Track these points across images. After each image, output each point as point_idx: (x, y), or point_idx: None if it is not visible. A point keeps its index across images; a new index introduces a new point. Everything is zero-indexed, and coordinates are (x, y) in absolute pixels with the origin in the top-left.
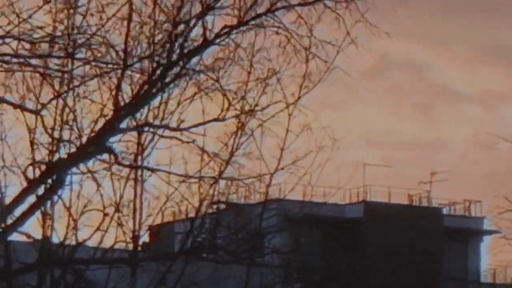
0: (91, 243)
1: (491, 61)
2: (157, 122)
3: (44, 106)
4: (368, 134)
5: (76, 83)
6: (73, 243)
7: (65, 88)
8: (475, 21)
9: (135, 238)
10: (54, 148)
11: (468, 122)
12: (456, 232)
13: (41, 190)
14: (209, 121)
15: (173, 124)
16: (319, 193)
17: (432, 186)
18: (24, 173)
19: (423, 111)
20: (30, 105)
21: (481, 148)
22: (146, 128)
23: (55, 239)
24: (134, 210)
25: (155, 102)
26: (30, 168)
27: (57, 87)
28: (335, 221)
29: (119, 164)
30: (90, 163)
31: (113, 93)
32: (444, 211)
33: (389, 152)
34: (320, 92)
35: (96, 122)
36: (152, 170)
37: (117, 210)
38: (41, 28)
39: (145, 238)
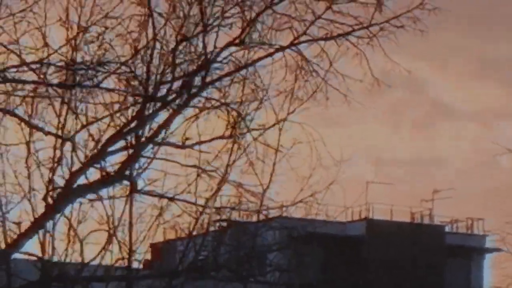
0: (92, 261)
1: (490, 77)
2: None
3: (75, 133)
4: (368, 151)
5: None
6: (73, 261)
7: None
8: (473, 37)
9: (130, 255)
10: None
11: (467, 139)
12: (459, 249)
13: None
14: (213, 139)
15: (178, 142)
16: (322, 211)
17: (434, 204)
18: (44, 198)
19: (422, 128)
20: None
21: (481, 164)
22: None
23: (57, 257)
24: (130, 227)
25: (159, 119)
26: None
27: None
28: (337, 239)
29: (138, 192)
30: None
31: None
32: (447, 229)
33: (389, 169)
34: (320, 110)
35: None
36: (172, 199)
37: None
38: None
39: (146, 255)
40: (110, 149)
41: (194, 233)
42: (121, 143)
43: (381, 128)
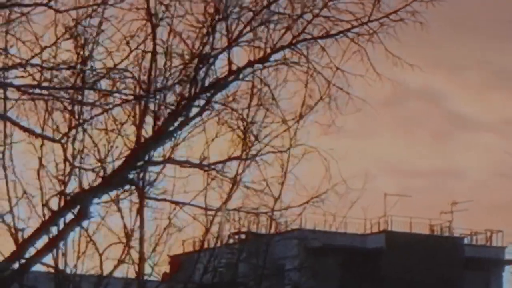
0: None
1: (507, 88)
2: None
3: (64, 135)
4: (385, 163)
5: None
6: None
7: (86, 117)
8: (489, 48)
9: (140, 266)
10: (77, 178)
11: (485, 150)
12: (478, 261)
13: (63, 222)
14: (232, 159)
15: (196, 160)
16: (340, 223)
17: (453, 216)
18: (46, 204)
19: (439, 140)
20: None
21: (500, 175)
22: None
23: (73, 270)
24: (141, 239)
25: (178, 136)
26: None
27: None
28: (356, 251)
29: (145, 197)
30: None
31: (136, 125)
32: (466, 241)
33: (406, 181)
34: (338, 122)
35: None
36: (178, 203)
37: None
38: (67, 65)
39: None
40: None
41: (213, 245)
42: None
43: (398, 140)
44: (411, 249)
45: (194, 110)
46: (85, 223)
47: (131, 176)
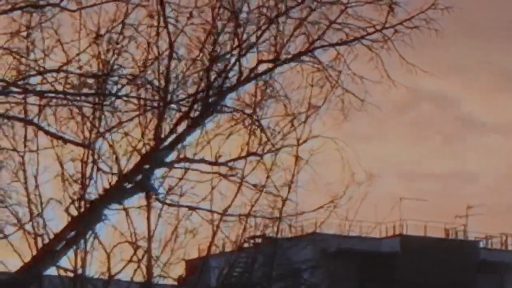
0: (124, 276)
1: None
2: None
3: (93, 141)
4: (399, 167)
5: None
6: (105, 276)
7: (106, 124)
8: (501, 51)
9: (148, 269)
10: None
11: (498, 153)
12: (493, 265)
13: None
14: (246, 156)
15: (211, 159)
16: (356, 227)
17: (468, 220)
18: (67, 210)
19: (452, 143)
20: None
21: None
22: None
23: (88, 273)
24: (149, 241)
25: (193, 137)
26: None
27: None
28: (371, 255)
29: (160, 202)
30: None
31: (152, 129)
32: (481, 245)
33: (420, 184)
34: (351, 125)
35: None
36: (193, 209)
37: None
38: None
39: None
40: (144, 167)
41: (229, 249)
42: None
43: (410, 143)
44: (426, 253)
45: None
46: (98, 227)
47: (150, 182)
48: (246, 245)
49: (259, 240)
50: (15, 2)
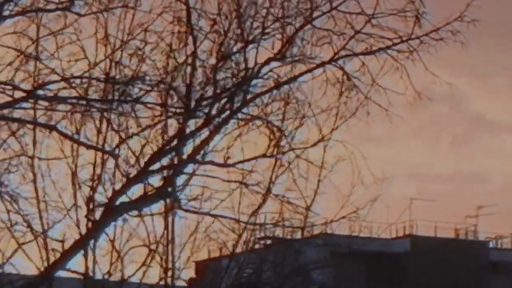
0: (135, 279)
1: None
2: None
3: (116, 147)
4: (409, 167)
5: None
6: (116, 278)
7: (128, 131)
8: (510, 50)
9: (166, 272)
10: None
11: (509, 153)
12: (503, 265)
13: (86, 227)
14: (256, 157)
15: (219, 160)
16: (366, 228)
17: (478, 220)
18: (87, 216)
19: (463, 143)
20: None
21: None
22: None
23: (99, 275)
24: (171, 245)
25: (201, 137)
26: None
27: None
28: (381, 256)
29: (182, 209)
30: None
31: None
32: (491, 245)
33: (430, 185)
34: (361, 127)
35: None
36: (215, 216)
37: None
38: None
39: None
40: (152, 167)
41: (238, 250)
42: (163, 161)
43: (421, 144)
44: (436, 253)
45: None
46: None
47: (169, 189)
48: (256, 246)
49: (269, 241)
50: (25, 5)
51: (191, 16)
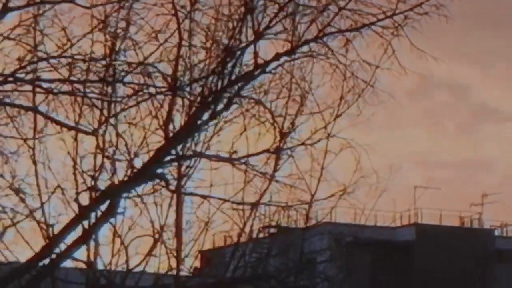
0: (137, 267)
1: None
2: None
3: (98, 127)
4: (414, 155)
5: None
6: (119, 268)
7: (115, 111)
8: None
9: (177, 263)
10: (107, 173)
11: None
12: (508, 253)
13: (92, 217)
14: (261, 152)
15: (225, 154)
16: (371, 217)
17: (483, 208)
18: (77, 200)
19: (467, 131)
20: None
21: None
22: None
23: (101, 265)
24: (177, 234)
25: (206, 130)
26: (77, 194)
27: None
28: (386, 244)
29: (172, 191)
30: (140, 189)
31: (163, 119)
32: (496, 233)
33: (435, 173)
34: (364, 114)
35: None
36: (204, 197)
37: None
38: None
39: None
40: (157, 160)
41: (243, 239)
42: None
43: (425, 132)
44: (442, 242)
45: (222, 104)
46: (114, 219)
47: (160, 170)
48: (260, 235)
49: (274, 231)
50: None
51: None
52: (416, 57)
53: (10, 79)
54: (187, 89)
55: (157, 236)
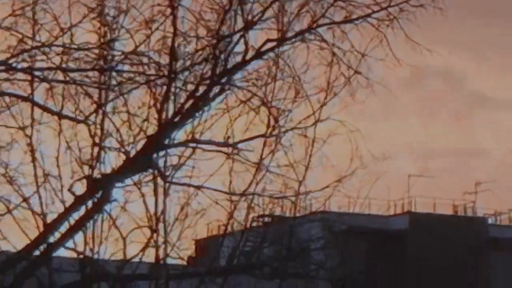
0: (134, 258)
1: None
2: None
3: (89, 115)
4: (407, 144)
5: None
6: (115, 258)
7: (106, 99)
8: (507, 26)
9: (157, 251)
10: (100, 160)
11: (507, 129)
12: (502, 242)
13: (86, 206)
14: (255, 137)
15: (219, 140)
16: (363, 205)
17: (477, 196)
18: (70, 189)
19: (461, 120)
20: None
21: None
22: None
23: (98, 255)
24: (164, 223)
25: (200, 117)
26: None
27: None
28: (380, 233)
29: (165, 180)
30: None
31: (158, 107)
32: (489, 221)
33: (428, 161)
34: (359, 105)
35: (139, 136)
36: (198, 188)
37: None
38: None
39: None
40: (151, 147)
41: (235, 228)
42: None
43: (419, 121)
44: (435, 230)
45: (214, 91)
46: (108, 207)
47: (153, 159)
48: (254, 224)
49: (268, 219)
50: None
51: None
52: (411, 48)
53: (2, 67)
54: (179, 75)
55: (159, 228)
